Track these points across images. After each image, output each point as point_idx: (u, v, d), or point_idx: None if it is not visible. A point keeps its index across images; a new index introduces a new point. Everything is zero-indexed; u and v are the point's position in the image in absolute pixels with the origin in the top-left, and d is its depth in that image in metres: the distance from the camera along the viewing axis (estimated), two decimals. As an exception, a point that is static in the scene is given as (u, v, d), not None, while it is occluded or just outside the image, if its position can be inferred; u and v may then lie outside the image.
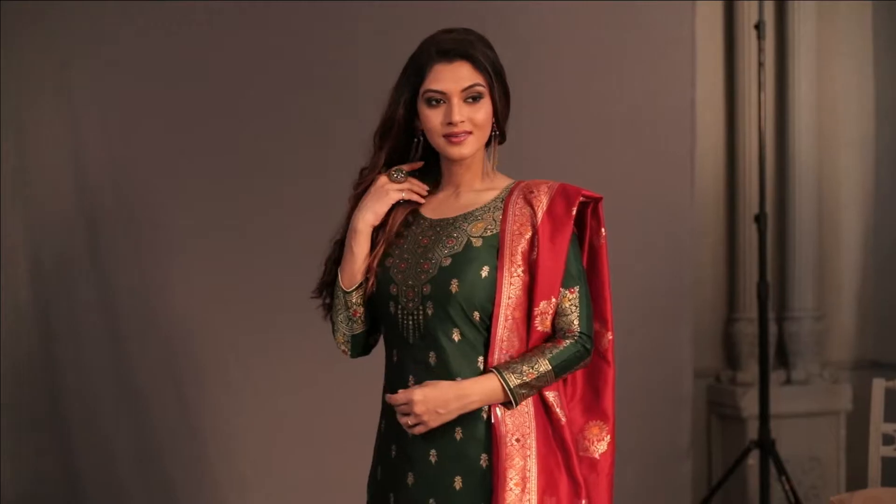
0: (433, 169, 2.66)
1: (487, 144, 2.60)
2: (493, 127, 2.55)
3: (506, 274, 2.46)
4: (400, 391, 2.46)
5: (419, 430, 2.42)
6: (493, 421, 2.41)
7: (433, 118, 2.51)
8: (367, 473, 2.64)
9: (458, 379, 2.43)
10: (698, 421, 5.78)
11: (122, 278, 4.37)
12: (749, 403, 5.68)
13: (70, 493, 4.35)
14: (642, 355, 4.82)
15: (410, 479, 2.47)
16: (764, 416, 5.26)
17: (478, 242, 2.48)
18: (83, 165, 4.33)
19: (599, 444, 2.57)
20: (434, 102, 2.50)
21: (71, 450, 4.35)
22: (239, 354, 4.44)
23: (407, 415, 2.41)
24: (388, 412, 2.55)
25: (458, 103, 2.48)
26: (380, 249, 2.56)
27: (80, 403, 4.36)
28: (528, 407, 2.45)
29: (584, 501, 2.45)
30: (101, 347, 4.37)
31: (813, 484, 5.86)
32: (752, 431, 5.53)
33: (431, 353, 2.46)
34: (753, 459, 5.49)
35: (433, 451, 2.44)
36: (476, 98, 2.49)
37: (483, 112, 2.50)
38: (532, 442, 2.43)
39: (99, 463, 4.37)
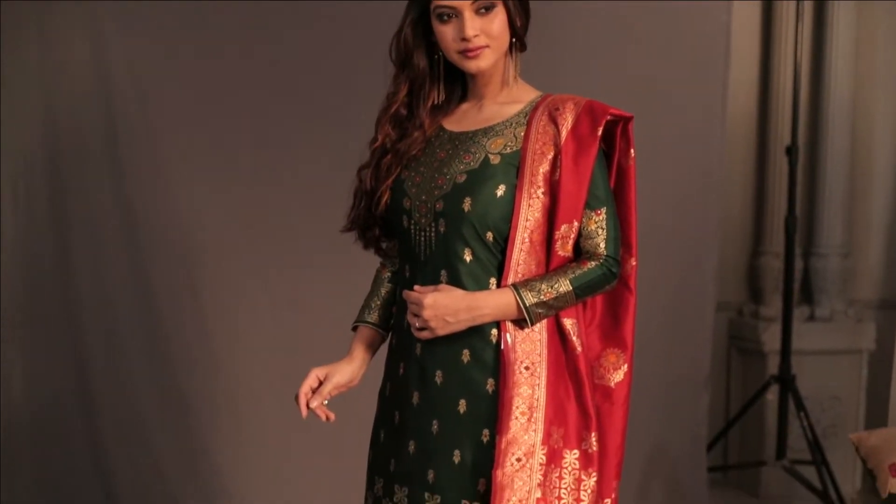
0: (459, 81, 2.55)
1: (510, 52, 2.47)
2: (511, 35, 2.42)
3: (524, 195, 2.33)
4: (416, 287, 2.35)
5: (425, 335, 2.32)
6: (502, 347, 2.33)
7: (446, 34, 2.38)
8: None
9: None
10: (718, 354, 5.70)
11: (140, 188, 4.29)
12: (771, 338, 5.59)
13: (84, 404, 4.30)
14: (664, 285, 4.73)
15: (416, 399, 2.38)
16: (785, 351, 5.17)
17: (496, 159, 2.36)
18: (104, 76, 4.24)
19: (616, 374, 2.48)
20: (445, 17, 2.36)
21: (86, 361, 4.30)
22: (256, 266, 4.36)
23: (416, 316, 2.33)
24: (399, 328, 2.47)
25: (469, 16, 2.34)
26: (395, 171, 2.46)
27: (96, 315, 4.30)
28: (541, 334, 2.35)
29: (593, 434, 2.34)
30: (118, 258, 4.30)
31: (832, 422, 5.79)
32: (773, 367, 5.44)
33: (442, 272, 2.36)
34: (772, 395, 5.42)
35: (439, 373, 2.35)
36: (488, 9, 2.35)
37: (497, 22, 2.36)
38: (542, 371, 2.32)
39: (113, 374, 4.32)
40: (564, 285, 2.31)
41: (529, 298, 2.28)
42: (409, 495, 2.36)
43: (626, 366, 2.47)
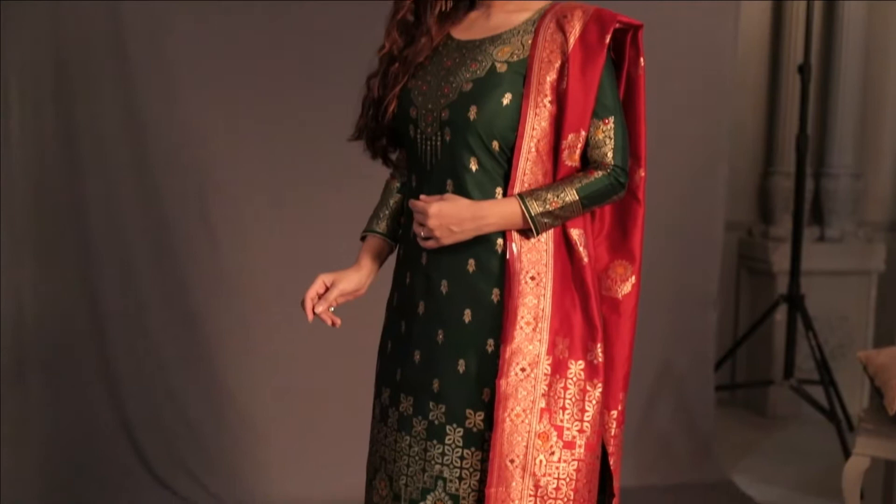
0: None
1: None
2: None
3: (531, 104, 2.28)
4: (422, 196, 2.31)
5: (430, 244, 2.28)
6: (507, 256, 2.30)
7: None
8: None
9: None
10: (727, 274, 5.68)
11: (150, 104, 4.24)
12: (780, 258, 5.57)
13: (95, 326, 4.28)
14: (674, 201, 4.68)
15: (421, 309, 2.36)
16: (795, 271, 5.14)
17: (502, 68, 2.31)
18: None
19: (624, 285, 2.44)
20: None
21: (94, 282, 4.28)
22: (266, 182, 4.32)
23: (422, 225, 2.30)
24: (406, 239, 2.44)
25: None
26: (402, 80, 2.41)
27: (105, 237, 4.27)
28: (547, 244, 2.31)
29: (599, 345, 2.31)
30: (128, 175, 4.25)
31: (840, 342, 5.78)
32: (782, 287, 5.43)
33: (448, 181, 2.31)
34: (781, 315, 5.41)
35: (444, 282, 2.32)
36: None
37: None
38: (548, 281, 2.29)
39: (123, 294, 4.29)
40: (571, 195, 2.27)
41: (535, 208, 2.24)
42: (415, 404, 2.35)
43: (633, 277, 2.43)
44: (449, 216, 2.24)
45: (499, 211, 2.25)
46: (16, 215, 4.18)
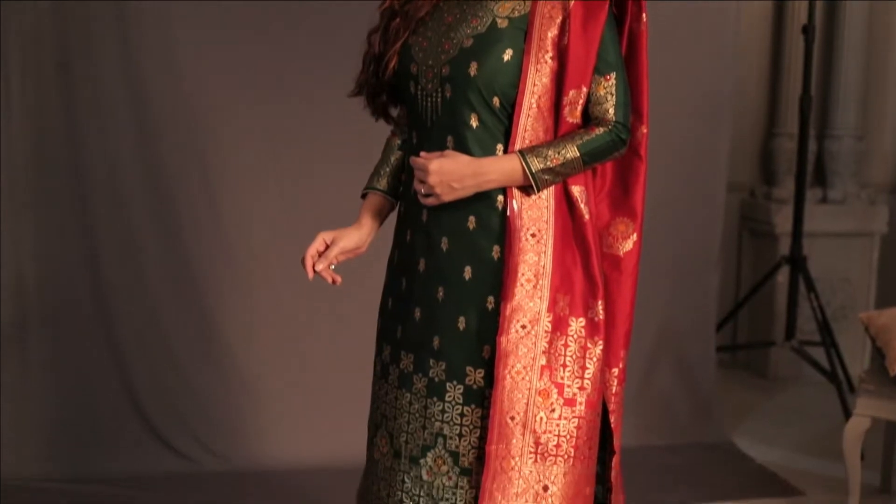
0: None
1: None
2: None
3: (532, 60, 2.26)
4: (422, 154, 2.29)
5: (431, 201, 2.26)
6: (507, 213, 2.28)
7: None
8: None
9: None
10: (729, 235, 5.67)
11: (152, 77, 4.21)
12: (782, 220, 5.55)
13: (95, 290, 4.26)
14: (676, 163, 4.65)
15: (422, 266, 2.34)
16: (797, 232, 5.12)
17: (503, 23, 2.28)
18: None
19: (625, 242, 2.43)
20: None
21: (95, 247, 4.25)
22: (266, 140, 4.30)
23: (422, 182, 2.29)
24: (407, 196, 2.42)
25: None
26: (403, 36, 2.39)
27: (106, 203, 4.23)
28: (548, 201, 2.29)
29: (600, 302, 2.30)
30: (129, 147, 4.23)
31: (842, 304, 5.77)
32: (784, 248, 5.41)
33: (449, 138, 2.29)
34: (783, 276, 5.40)
35: (445, 240, 2.30)
36: None
37: None
38: (549, 238, 2.27)
39: (123, 258, 4.27)
40: (572, 151, 2.25)
41: (536, 164, 2.23)
42: (415, 361, 2.34)
43: (635, 235, 2.42)
44: (449, 173, 2.23)
45: (499, 167, 2.24)
46: (16, 181, 4.15)
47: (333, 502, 3.94)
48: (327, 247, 2.45)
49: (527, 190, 2.26)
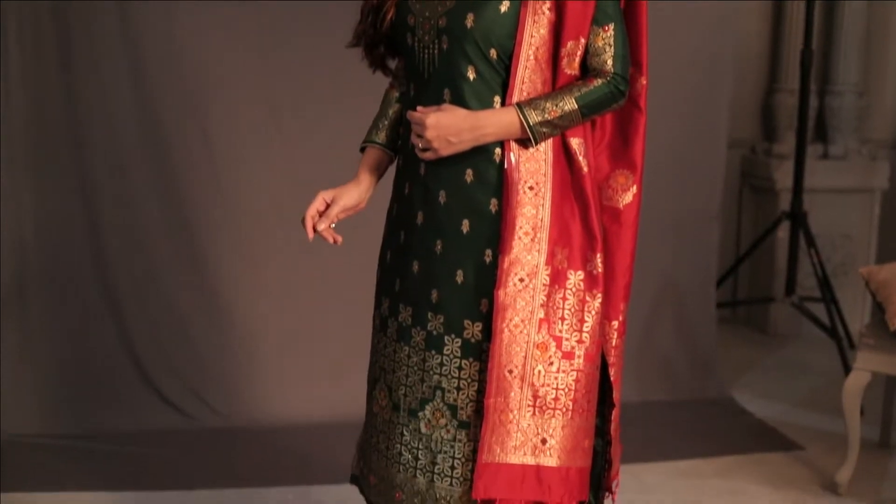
0: None
1: None
2: None
3: (529, 11, 2.22)
4: (419, 108, 2.26)
5: (428, 155, 2.24)
6: (505, 166, 2.26)
7: None
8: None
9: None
10: (730, 191, 5.65)
11: (147, 25, 4.15)
12: (783, 176, 5.53)
13: (94, 247, 4.23)
14: (677, 118, 4.62)
15: (420, 220, 2.32)
16: (798, 188, 5.09)
17: None
18: None
19: (625, 195, 2.41)
20: None
21: (94, 204, 4.22)
22: (264, 96, 4.27)
23: (420, 137, 2.26)
24: (405, 150, 2.40)
25: None
26: None
27: (104, 156, 4.21)
28: (546, 154, 2.27)
29: (598, 255, 2.28)
30: (125, 97, 4.20)
31: (842, 261, 5.76)
32: (785, 204, 5.39)
33: (446, 91, 2.26)
34: (783, 232, 5.38)
35: (443, 193, 2.28)
36: None
37: None
38: (546, 191, 2.25)
39: (122, 215, 4.24)
40: (570, 104, 2.23)
41: (533, 117, 2.21)
42: (414, 314, 2.33)
43: (635, 187, 2.40)
44: (447, 127, 2.20)
45: (497, 121, 2.22)
46: (15, 143, 4.13)
47: (333, 457, 3.94)
48: (327, 206, 2.43)
49: (524, 143, 2.24)
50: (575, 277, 2.26)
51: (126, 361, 4.29)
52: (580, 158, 2.28)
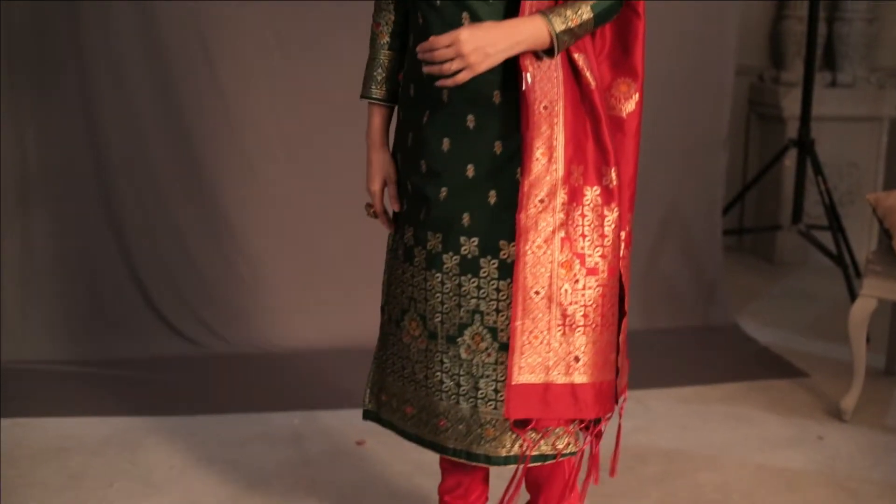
0: None
1: None
2: None
3: None
4: (444, 34, 2.16)
5: (463, 76, 2.15)
6: (523, 87, 2.20)
7: None
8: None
9: None
10: (737, 119, 5.60)
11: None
12: (791, 103, 5.47)
13: (98, 172, 4.19)
14: (685, 44, 4.55)
15: (446, 146, 2.25)
16: (805, 115, 5.04)
17: None
18: None
19: (627, 103, 2.36)
20: None
21: (98, 129, 4.19)
22: (274, 34, 4.20)
23: (446, 61, 2.15)
24: (416, 79, 2.30)
25: None
26: None
27: (108, 82, 4.16)
28: (557, 72, 2.21)
29: (613, 169, 2.24)
30: (130, 25, 4.13)
31: (849, 189, 5.72)
32: (792, 132, 5.34)
33: (464, 14, 2.19)
34: (790, 160, 5.34)
35: (471, 116, 2.23)
36: None
37: None
38: (560, 109, 2.20)
39: (127, 140, 4.20)
40: (587, 13, 2.17)
41: (558, 25, 2.15)
42: (444, 240, 2.28)
43: (637, 95, 2.35)
44: (482, 38, 2.13)
45: (526, 28, 2.15)
46: (16, 57, 4.09)
47: (338, 382, 3.95)
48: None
49: (537, 62, 2.19)
50: (592, 193, 2.23)
51: (131, 288, 4.28)
52: (587, 74, 2.24)
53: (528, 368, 2.23)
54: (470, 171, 2.25)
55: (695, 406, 3.87)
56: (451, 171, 2.27)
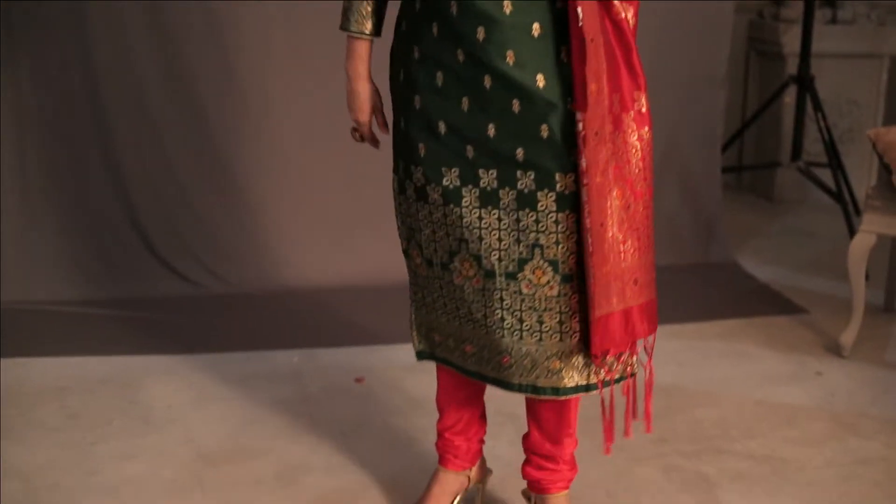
0: None
1: None
2: None
3: None
4: None
5: None
6: (580, 23, 2.12)
7: None
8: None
9: None
10: (737, 56, 5.55)
11: None
12: (791, 40, 5.41)
13: (96, 115, 4.16)
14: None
15: (488, 82, 2.19)
16: (805, 52, 4.97)
17: None
18: None
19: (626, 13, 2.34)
20: None
21: (95, 70, 4.14)
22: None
23: None
24: (446, 15, 2.22)
25: None
26: None
27: (105, 22, 4.10)
28: (595, 5, 2.17)
29: (643, 95, 2.25)
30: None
31: (849, 127, 5.68)
32: (792, 69, 5.29)
33: None
34: (790, 97, 5.29)
35: (510, 52, 2.18)
36: None
37: None
38: (600, 42, 2.16)
39: (124, 82, 4.16)
40: None
41: None
42: (499, 177, 2.24)
43: (632, 9, 2.30)
44: None
45: None
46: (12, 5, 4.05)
47: (338, 321, 3.95)
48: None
49: None
50: (628, 119, 2.23)
51: (130, 231, 4.26)
52: (616, 2, 2.20)
53: (605, 300, 2.24)
54: (516, 105, 2.20)
55: (694, 342, 3.86)
56: (497, 107, 2.22)
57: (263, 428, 3.16)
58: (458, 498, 2.65)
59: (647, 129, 2.27)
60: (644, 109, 2.26)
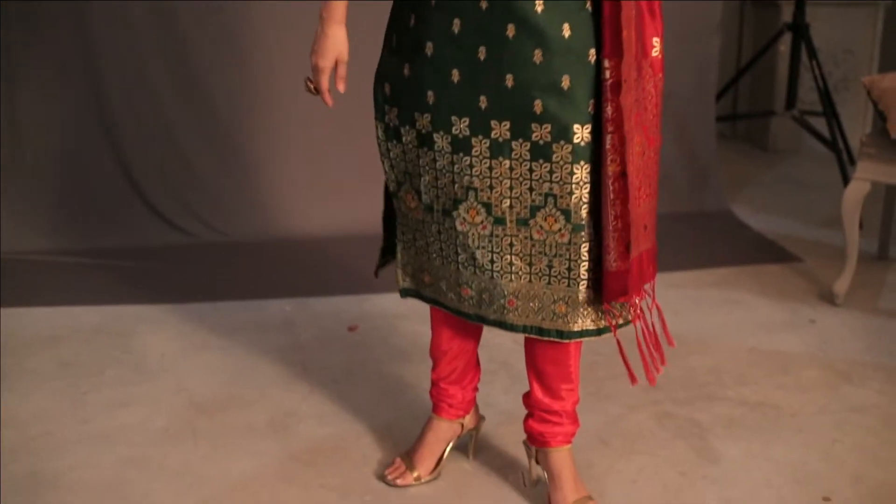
0: None
1: None
2: None
3: None
4: None
5: None
6: None
7: None
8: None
9: None
10: (732, 4, 5.52)
11: None
12: (786, -12, 5.40)
13: (89, 67, 4.15)
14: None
15: (511, 31, 2.15)
16: (800, -1, 4.97)
17: None
18: None
19: None
20: None
21: (89, 27, 4.11)
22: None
23: None
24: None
25: None
26: None
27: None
28: None
29: (661, 40, 2.21)
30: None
31: (844, 76, 5.65)
32: (787, 17, 5.25)
33: None
34: (785, 45, 5.26)
35: (539, 3, 2.14)
36: None
37: None
38: None
39: (117, 37, 4.12)
40: None
41: None
42: (513, 128, 2.21)
43: None
44: None
45: None
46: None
47: (329, 270, 3.94)
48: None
49: None
50: (646, 65, 2.20)
51: (123, 183, 4.26)
52: None
53: (627, 248, 2.23)
54: (537, 55, 2.17)
55: (688, 291, 3.85)
56: (518, 57, 2.17)
57: (256, 376, 3.14)
58: (450, 445, 2.65)
59: (661, 75, 2.24)
60: (659, 55, 2.23)
